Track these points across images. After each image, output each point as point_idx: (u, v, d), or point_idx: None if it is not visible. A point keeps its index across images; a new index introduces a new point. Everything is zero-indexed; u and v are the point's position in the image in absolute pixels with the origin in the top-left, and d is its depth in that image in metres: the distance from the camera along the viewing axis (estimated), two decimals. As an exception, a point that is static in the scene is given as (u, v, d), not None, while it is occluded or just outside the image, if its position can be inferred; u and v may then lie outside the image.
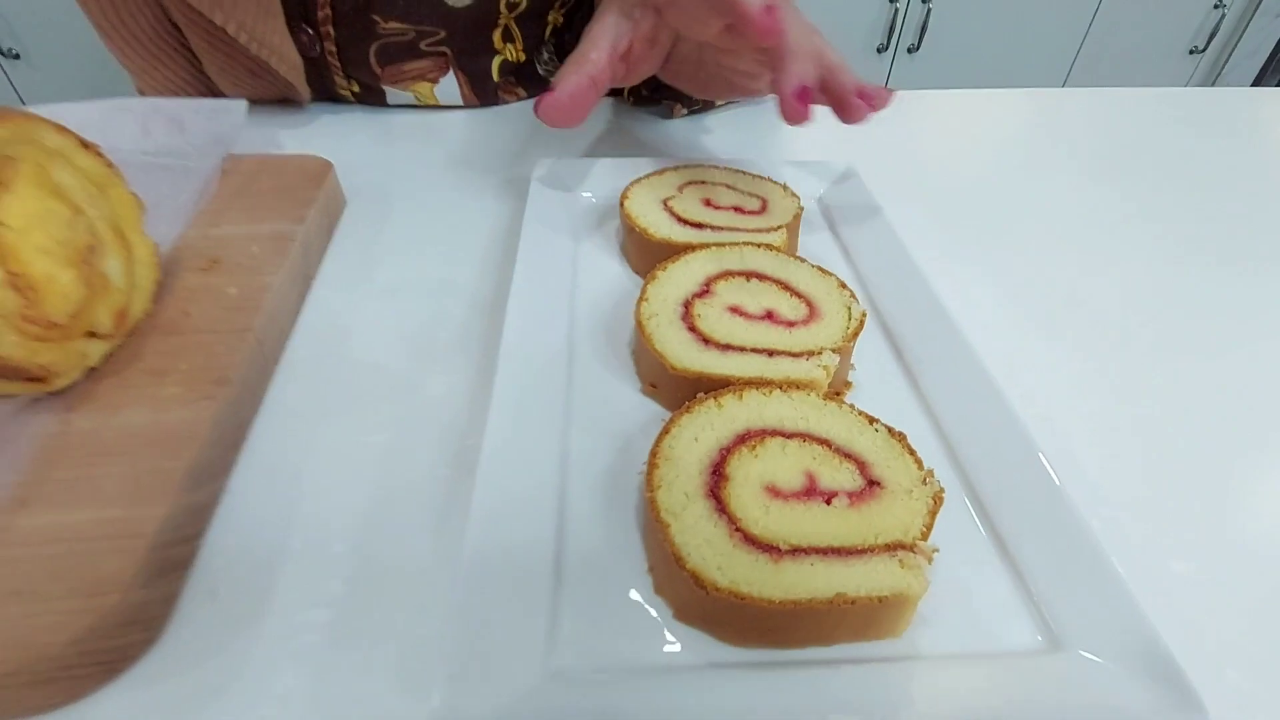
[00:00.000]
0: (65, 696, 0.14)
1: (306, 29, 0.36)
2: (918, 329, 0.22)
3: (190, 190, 0.26)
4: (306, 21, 0.35)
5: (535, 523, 0.17)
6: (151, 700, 0.15)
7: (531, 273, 0.24)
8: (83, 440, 0.18)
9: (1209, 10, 1.39)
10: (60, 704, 0.14)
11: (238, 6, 0.32)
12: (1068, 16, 1.36)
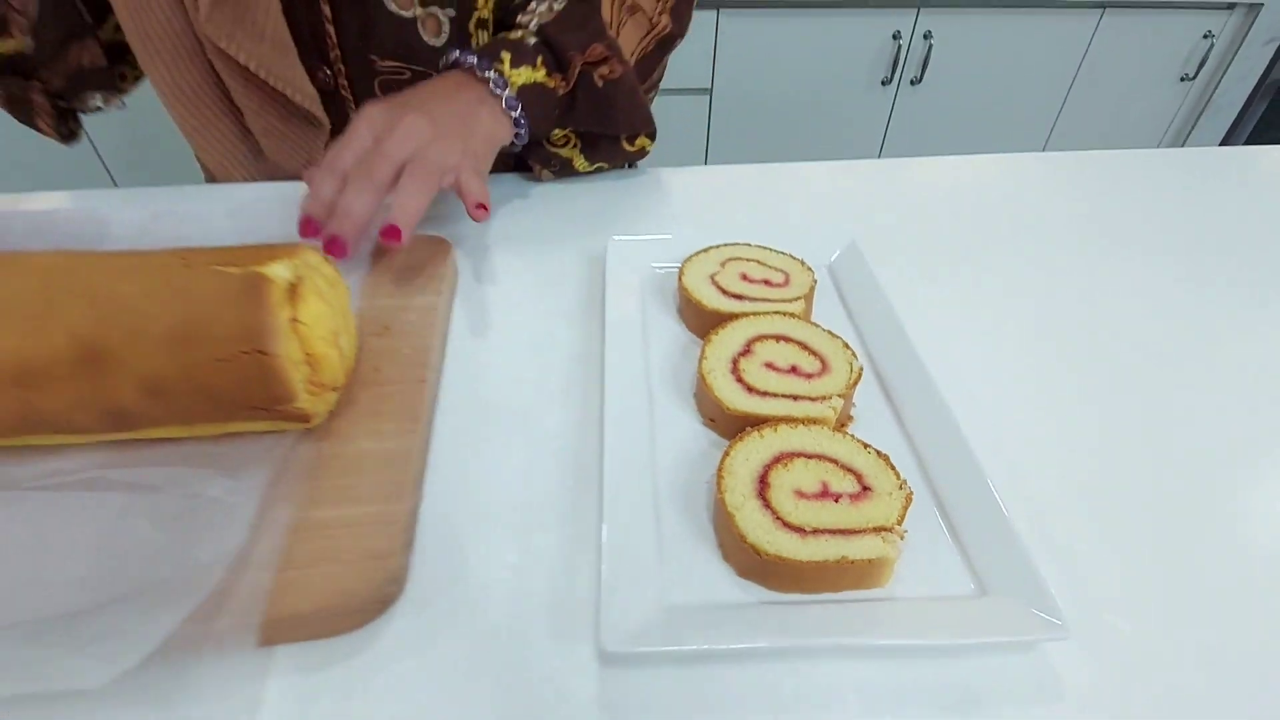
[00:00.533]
0: (356, 624, 0.23)
1: (324, 68, 0.45)
2: (901, 379, 0.31)
3: (358, 273, 0.35)
4: (323, 61, 0.45)
5: (642, 516, 0.25)
6: (407, 626, 0.23)
7: (617, 335, 0.33)
8: (335, 461, 0.27)
9: (1199, 39, 1.47)
10: (355, 628, 0.23)
11: (258, 48, 0.41)
12: (1063, 47, 1.44)
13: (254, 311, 0.23)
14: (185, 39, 0.42)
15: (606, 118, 0.46)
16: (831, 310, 0.36)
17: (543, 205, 0.47)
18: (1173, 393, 0.33)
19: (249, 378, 0.24)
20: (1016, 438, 0.30)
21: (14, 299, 0.23)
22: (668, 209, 0.47)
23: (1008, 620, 0.22)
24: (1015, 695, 0.22)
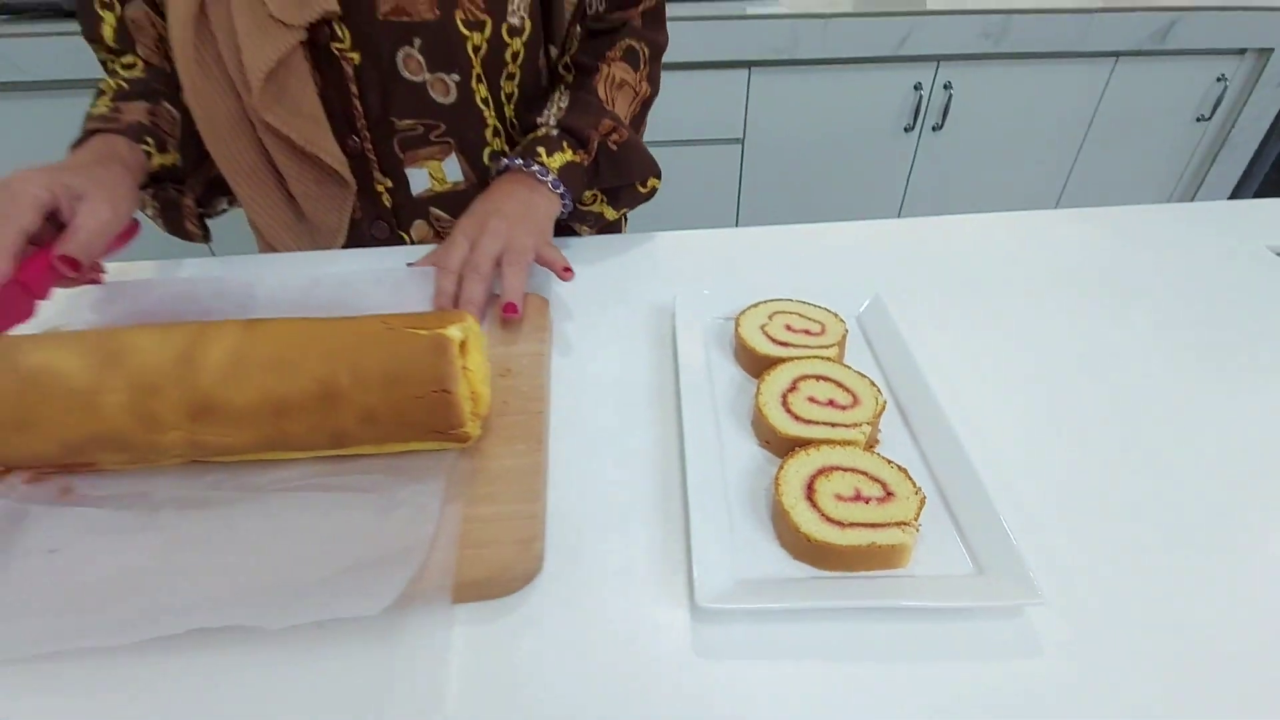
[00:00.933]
0: (512, 590, 0.31)
1: (353, 135, 0.55)
2: (917, 409, 0.39)
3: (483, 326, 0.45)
4: (352, 131, 0.55)
5: (718, 512, 0.34)
6: (546, 592, 0.32)
7: (688, 374, 0.41)
8: (485, 472, 0.35)
9: (1212, 83, 1.53)
10: (511, 593, 0.31)
11: (298, 122, 0.51)
12: (1079, 93, 1.50)
13: (441, 362, 0.32)
14: (240, 119, 0.53)
15: (623, 172, 0.59)
16: (860, 354, 0.45)
17: (610, 265, 0.56)
18: (1148, 423, 0.41)
19: (435, 410, 0.33)
20: (1009, 455, 0.38)
21: (272, 354, 0.33)
22: (718, 266, 0.56)
23: (999, 591, 0.30)
24: (1006, 649, 0.29)
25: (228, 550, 0.31)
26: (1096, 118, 1.54)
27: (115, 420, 0.32)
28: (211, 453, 0.34)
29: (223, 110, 0.53)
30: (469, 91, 0.56)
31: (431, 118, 0.56)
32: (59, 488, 0.34)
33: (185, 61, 0.50)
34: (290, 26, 0.48)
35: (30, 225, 0.40)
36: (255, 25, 0.48)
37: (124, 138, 0.51)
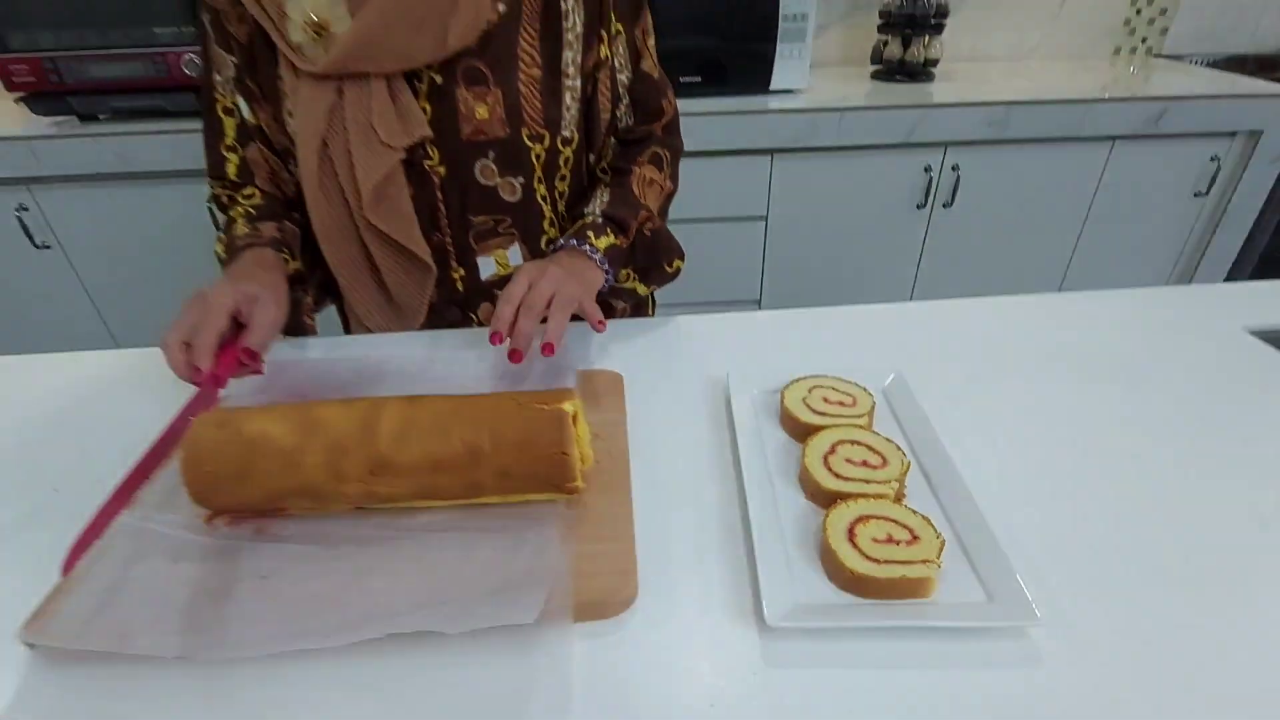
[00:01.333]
0: (616, 612, 0.40)
1: (437, 232, 0.66)
2: (936, 468, 0.48)
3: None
4: (435, 227, 0.66)
5: (777, 550, 0.42)
6: (643, 614, 0.40)
7: (744, 438, 0.50)
8: (588, 517, 0.44)
9: (1206, 162, 1.63)
10: (616, 614, 0.40)
11: (396, 222, 0.62)
12: (1079, 172, 1.61)
13: (560, 431, 0.42)
14: (348, 223, 0.65)
15: (654, 255, 0.71)
16: (887, 422, 0.54)
17: (668, 344, 0.66)
18: (1133, 481, 0.49)
19: (555, 468, 0.42)
20: (1013, 506, 0.46)
21: (431, 424, 0.42)
22: (761, 344, 0.66)
23: (1005, 614, 0.38)
24: (1012, 661, 0.37)
25: (399, 576, 0.40)
26: (1098, 195, 1.64)
27: (312, 474, 0.41)
28: (380, 501, 0.43)
29: (336, 217, 0.65)
30: (531, 191, 0.67)
31: (500, 214, 0.68)
32: (253, 528, 0.44)
33: (310, 181, 0.63)
34: (394, 149, 0.60)
35: (223, 328, 0.51)
36: (367, 149, 0.60)
37: (270, 249, 0.63)
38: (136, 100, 1.38)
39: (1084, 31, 1.95)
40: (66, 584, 0.39)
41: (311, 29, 0.56)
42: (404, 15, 0.55)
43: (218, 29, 0.62)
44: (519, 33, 0.61)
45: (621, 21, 0.65)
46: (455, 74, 0.60)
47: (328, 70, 0.57)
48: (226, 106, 0.66)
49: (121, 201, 1.45)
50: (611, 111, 0.69)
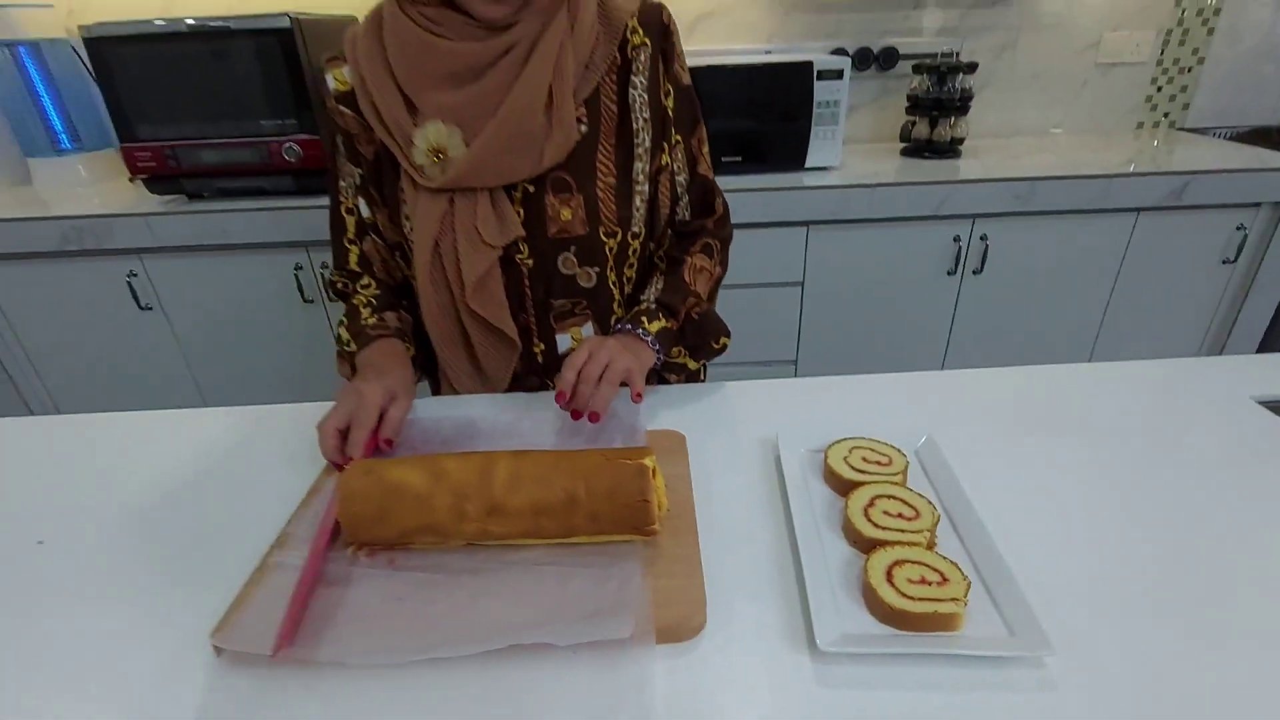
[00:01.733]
0: (689, 636, 0.47)
1: (523, 314, 0.76)
2: (963, 520, 0.55)
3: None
4: (522, 310, 0.76)
5: (825, 590, 0.49)
6: (711, 639, 0.47)
7: (794, 491, 0.58)
8: (663, 556, 0.52)
9: (1233, 230, 1.68)
10: (688, 639, 0.47)
11: (490, 306, 0.72)
12: (1106, 242, 1.67)
13: (642, 482, 0.50)
14: (451, 307, 0.76)
15: (702, 335, 0.81)
16: (919, 479, 0.61)
17: (722, 409, 0.75)
18: (1143, 533, 0.55)
19: (638, 513, 0.50)
20: (1032, 552, 0.52)
21: (536, 474, 0.51)
22: (806, 407, 0.74)
23: (1023, 645, 0.44)
24: (1030, 686, 0.43)
25: (508, 601, 0.48)
26: (1125, 263, 1.70)
27: (439, 515, 0.51)
28: (491, 538, 0.52)
29: (441, 302, 0.76)
30: (604, 278, 0.78)
31: (578, 298, 0.78)
32: (385, 559, 0.53)
33: (423, 272, 0.74)
34: (494, 247, 0.72)
35: (375, 426, 0.62)
36: (471, 248, 0.71)
37: (397, 340, 0.75)
38: (239, 181, 1.56)
39: (1107, 107, 2.04)
40: (242, 600, 0.49)
41: (432, 154, 0.68)
42: (509, 144, 0.67)
43: (348, 147, 0.76)
44: (598, 148, 0.73)
45: (680, 132, 0.77)
46: (545, 184, 0.72)
47: (443, 186, 0.69)
48: (349, 207, 0.79)
49: (218, 269, 1.62)
50: (671, 208, 0.80)
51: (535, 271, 0.75)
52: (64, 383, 1.79)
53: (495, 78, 0.67)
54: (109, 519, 0.62)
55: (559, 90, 0.67)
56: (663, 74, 0.74)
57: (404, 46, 0.67)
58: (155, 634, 0.50)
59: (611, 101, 0.73)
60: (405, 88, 0.68)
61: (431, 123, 0.68)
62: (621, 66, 0.73)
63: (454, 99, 0.67)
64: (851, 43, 1.89)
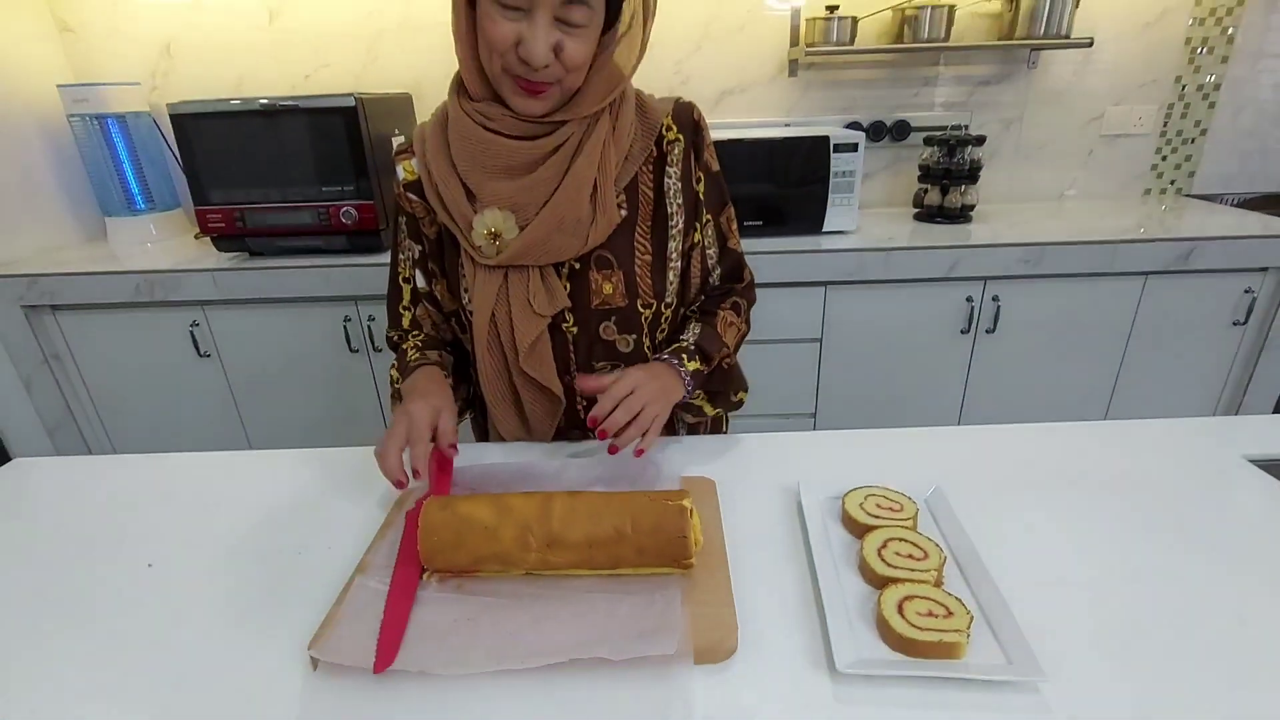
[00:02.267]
0: (722, 658, 0.54)
1: (567, 375, 0.84)
2: (967, 562, 0.61)
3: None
4: (566, 371, 0.84)
5: (842, 621, 0.56)
6: (743, 661, 0.54)
7: (814, 533, 0.65)
8: (699, 586, 0.59)
9: (1241, 294, 1.74)
10: (722, 660, 0.54)
11: (540, 368, 0.81)
12: (1116, 304, 1.73)
13: (682, 519, 0.58)
14: (505, 369, 0.85)
15: (725, 383, 0.89)
16: (928, 524, 0.67)
17: (748, 458, 0.82)
18: (1132, 578, 0.61)
19: (677, 547, 0.58)
20: (1030, 591, 0.58)
21: (589, 511, 0.59)
22: (824, 458, 0.81)
23: (1020, 672, 0.50)
24: (1026, 710, 0.49)
25: (565, 622, 0.55)
26: (1136, 324, 1.75)
27: (505, 546, 0.58)
28: (549, 568, 0.59)
29: (496, 364, 0.85)
30: (640, 343, 0.87)
31: (616, 361, 0.87)
32: (455, 585, 0.60)
33: (480, 339, 0.83)
34: (543, 317, 0.81)
35: (430, 439, 0.70)
36: (524, 317, 0.81)
37: (437, 369, 0.84)
38: (298, 240, 1.70)
39: (1114, 175, 2.14)
40: (332, 619, 0.56)
41: (490, 236, 0.78)
42: (558, 227, 0.77)
43: (411, 226, 0.87)
44: (635, 230, 0.83)
45: (710, 212, 0.87)
46: (589, 261, 0.82)
47: (499, 264, 0.79)
48: (405, 277, 0.90)
49: (272, 319, 1.74)
50: (703, 279, 0.90)
51: (579, 338, 0.85)
52: (120, 422, 1.90)
53: (546, 171, 0.76)
54: (206, 545, 0.70)
55: (602, 182, 0.77)
56: (694, 163, 0.84)
57: (465, 143, 0.76)
58: (254, 648, 0.57)
59: (648, 188, 0.83)
60: (466, 179, 0.77)
61: (490, 209, 0.76)
62: (658, 158, 0.82)
63: (509, 189, 0.76)
64: (865, 116, 2.01)
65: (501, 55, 0.68)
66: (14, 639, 0.59)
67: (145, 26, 1.93)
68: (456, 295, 0.87)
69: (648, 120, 0.81)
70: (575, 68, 0.69)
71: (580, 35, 0.67)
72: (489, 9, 0.66)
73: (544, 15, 0.65)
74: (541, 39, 0.65)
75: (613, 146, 0.78)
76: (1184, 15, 1.95)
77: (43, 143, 1.87)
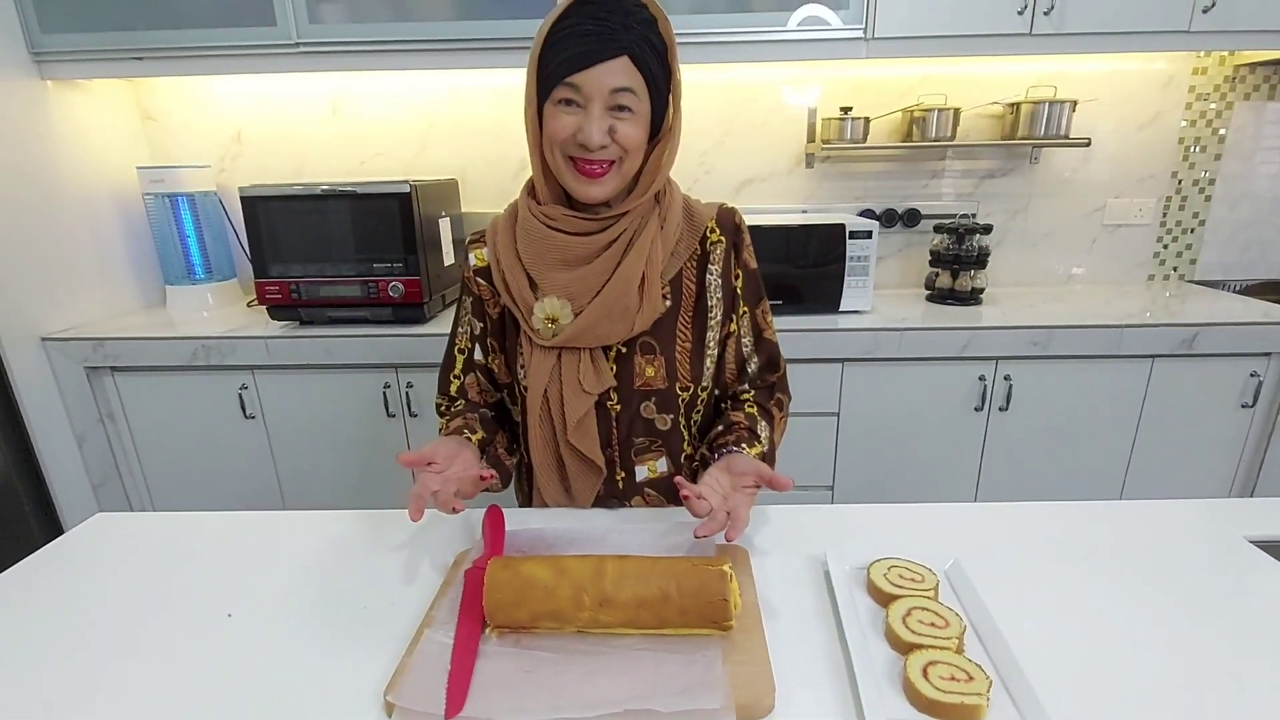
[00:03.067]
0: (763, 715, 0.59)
1: (608, 448, 0.91)
2: (985, 629, 0.66)
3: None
4: (608, 445, 0.91)
5: (871, 683, 0.60)
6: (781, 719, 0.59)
7: (843, 599, 0.70)
8: (737, 647, 0.64)
9: (1247, 377, 1.80)
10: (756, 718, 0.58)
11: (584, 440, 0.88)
12: (1126, 385, 1.78)
13: (723, 584, 0.64)
14: (553, 440, 0.92)
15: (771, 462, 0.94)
16: (948, 595, 0.73)
17: (777, 530, 0.88)
18: (1138, 648, 0.65)
19: (718, 610, 0.63)
20: (1045, 659, 0.63)
21: (637, 574, 0.65)
22: (849, 529, 0.87)
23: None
24: (1045, 770, 0.53)
25: (615, 676, 0.60)
26: (1146, 405, 1.81)
27: (561, 604, 0.64)
28: (599, 626, 0.65)
29: (546, 437, 0.93)
30: (678, 423, 0.94)
31: (655, 438, 0.94)
32: (513, 640, 0.66)
33: (533, 414, 0.92)
34: (591, 395, 0.89)
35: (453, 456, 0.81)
36: (573, 394, 0.89)
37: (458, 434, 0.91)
38: (347, 311, 1.82)
39: (1118, 261, 2.24)
40: (404, 668, 0.62)
41: (547, 321, 0.88)
42: (608, 315, 0.87)
43: (476, 306, 0.98)
44: (678, 318, 0.92)
45: (747, 305, 0.96)
46: (635, 346, 0.91)
47: (554, 345, 0.89)
48: (461, 348, 1.00)
49: (317, 384, 1.84)
50: (738, 367, 0.98)
51: (621, 415, 0.93)
52: (162, 480, 1.98)
53: (599, 265, 0.86)
54: (278, 598, 0.76)
55: (650, 275, 0.87)
56: (734, 261, 0.94)
57: (530, 239, 0.87)
58: (332, 691, 0.63)
59: (691, 282, 0.93)
60: (530, 270, 0.88)
61: (549, 297, 0.87)
62: (701, 255, 0.93)
63: (566, 278, 0.87)
64: (878, 204, 2.15)
65: (562, 145, 0.80)
66: (103, 680, 0.65)
67: (219, 116, 2.12)
68: (512, 371, 0.96)
69: (694, 222, 0.91)
70: (631, 148, 0.80)
71: (631, 119, 0.79)
72: (551, 111, 0.79)
73: (598, 106, 0.77)
74: (596, 124, 0.77)
75: (660, 244, 0.88)
76: (1176, 117, 2.09)
77: (117, 216, 2.03)
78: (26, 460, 1.81)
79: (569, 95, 0.77)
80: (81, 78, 1.87)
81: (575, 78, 0.76)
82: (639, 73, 0.77)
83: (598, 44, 0.75)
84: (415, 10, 1.72)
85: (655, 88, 0.79)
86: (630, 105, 0.78)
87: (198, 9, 1.73)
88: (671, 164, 0.87)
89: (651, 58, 0.78)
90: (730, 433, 0.93)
